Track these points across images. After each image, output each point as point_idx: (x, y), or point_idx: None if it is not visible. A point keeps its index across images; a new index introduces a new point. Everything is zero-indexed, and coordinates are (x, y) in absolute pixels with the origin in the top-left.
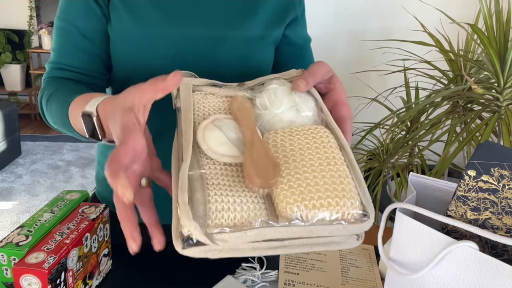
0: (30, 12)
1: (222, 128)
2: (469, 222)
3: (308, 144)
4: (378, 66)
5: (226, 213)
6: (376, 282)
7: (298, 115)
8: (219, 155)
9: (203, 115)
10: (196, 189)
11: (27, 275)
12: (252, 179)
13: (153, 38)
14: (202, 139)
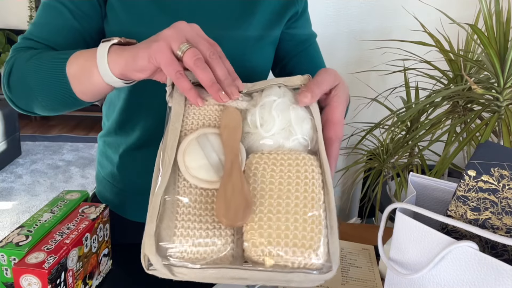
0: (30, 12)
1: (205, 148)
2: (469, 222)
3: (290, 179)
4: (378, 66)
5: (189, 247)
6: (376, 282)
7: (289, 139)
8: (196, 179)
9: (191, 126)
10: (166, 216)
11: (27, 275)
12: (220, 218)
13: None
14: (182, 159)
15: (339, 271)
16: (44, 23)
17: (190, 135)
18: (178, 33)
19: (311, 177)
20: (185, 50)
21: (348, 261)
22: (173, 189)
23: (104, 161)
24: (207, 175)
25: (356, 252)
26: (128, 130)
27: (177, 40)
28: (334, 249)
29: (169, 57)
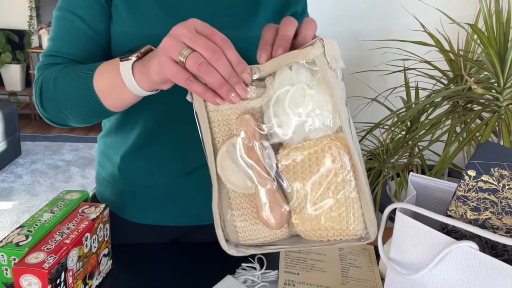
0: (30, 12)
1: (235, 160)
2: (469, 222)
3: (320, 171)
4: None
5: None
6: (376, 282)
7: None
8: (238, 188)
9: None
10: (228, 221)
11: (27, 275)
12: (267, 225)
13: (154, 38)
14: (221, 173)
15: (339, 271)
16: (60, 37)
17: (221, 148)
18: (175, 40)
19: (339, 166)
20: (186, 56)
21: (348, 261)
22: (226, 197)
23: (105, 161)
24: (245, 184)
25: (356, 252)
26: (128, 130)
27: (176, 49)
28: (371, 222)
29: (174, 69)
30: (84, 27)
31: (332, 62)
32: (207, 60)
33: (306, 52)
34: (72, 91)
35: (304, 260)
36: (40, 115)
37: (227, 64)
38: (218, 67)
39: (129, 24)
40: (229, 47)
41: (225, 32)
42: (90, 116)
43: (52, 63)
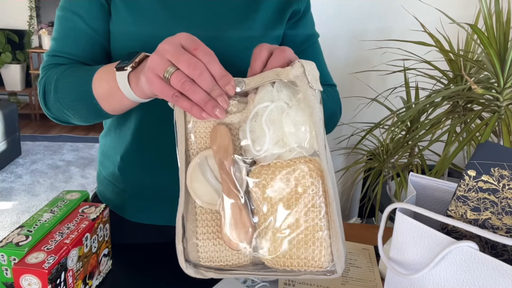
0: (30, 12)
1: (205, 173)
2: (469, 222)
3: (290, 194)
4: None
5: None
6: (376, 282)
7: (285, 149)
8: (203, 202)
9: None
10: (189, 236)
11: (27, 275)
12: (229, 244)
13: (153, 38)
14: (190, 184)
15: None
16: (61, 37)
17: (193, 159)
18: (160, 57)
19: (311, 190)
20: (169, 77)
21: (348, 261)
22: (192, 211)
23: (106, 161)
24: (211, 199)
25: (356, 252)
26: (128, 130)
27: (160, 67)
28: (339, 255)
29: (160, 85)
30: (84, 26)
31: (312, 81)
32: (190, 77)
33: (287, 71)
34: (72, 95)
35: None
36: (45, 113)
37: (209, 78)
38: (200, 83)
39: (128, 24)
40: (212, 60)
41: (225, 32)
42: (91, 117)
43: (55, 63)
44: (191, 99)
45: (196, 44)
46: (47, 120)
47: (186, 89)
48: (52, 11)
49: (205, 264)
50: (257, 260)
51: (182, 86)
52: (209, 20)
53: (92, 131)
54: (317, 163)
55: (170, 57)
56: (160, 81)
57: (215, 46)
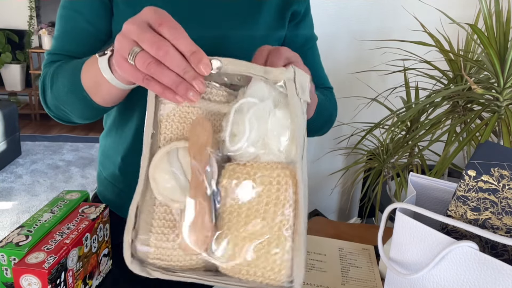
0: (30, 12)
1: (173, 166)
2: (469, 222)
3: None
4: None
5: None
6: (376, 282)
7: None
8: (164, 197)
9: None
10: (142, 228)
11: (27, 275)
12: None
13: None
14: (152, 174)
15: (339, 271)
16: (63, 35)
17: (162, 148)
18: (124, 38)
19: (282, 197)
20: (134, 56)
21: (348, 261)
22: (150, 202)
23: (106, 161)
24: (172, 194)
25: (356, 252)
26: (128, 130)
27: (125, 48)
28: (299, 269)
29: (128, 69)
30: (86, 25)
31: (299, 90)
32: (156, 58)
33: (278, 72)
34: (65, 88)
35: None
36: (47, 112)
37: (177, 58)
38: (168, 64)
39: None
40: (179, 35)
41: (228, 32)
42: (86, 112)
43: (56, 61)
44: (160, 82)
45: (161, 18)
46: (47, 120)
47: (152, 72)
48: (52, 11)
49: (152, 262)
50: (209, 265)
51: (147, 68)
52: (211, 20)
53: (92, 131)
54: (293, 172)
55: (134, 37)
56: (128, 64)
57: (218, 46)
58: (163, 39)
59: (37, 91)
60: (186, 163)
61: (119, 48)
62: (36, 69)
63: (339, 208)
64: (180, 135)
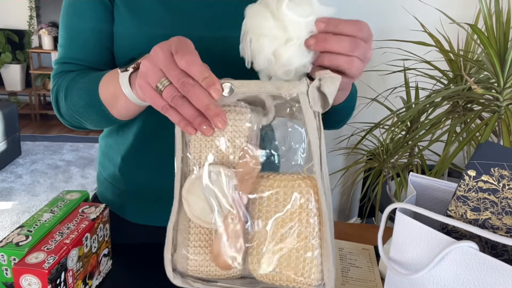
0: (30, 12)
1: (207, 189)
2: (469, 222)
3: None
4: (378, 66)
5: (203, 271)
6: (376, 282)
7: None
8: (197, 218)
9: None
10: (180, 245)
11: (27, 275)
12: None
13: (155, 39)
14: (185, 198)
15: (339, 271)
16: (68, 43)
17: (195, 173)
18: (153, 66)
19: (305, 206)
20: (162, 89)
21: (348, 261)
22: (185, 220)
23: (106, 162)
24: (204, 215)
25: (356, 252)
26: (129, 131)
27: (153, 77)
28: (330, 274)
29: (152, 95)
30: (90, 31)
31: (312, 102)
32: (180, 92)
33: (291, 86)
34: (82, 101)
35: None
36: (61, 120)
37: (199, 95)
38: (192, 100)
39: (129, 24)
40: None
41: (227, 32)
42: (102, 123)
43: (65, 71)
44: (181, 113)
45: (177, 47)
46: (47, 120)
47: (175, 103)
48: (52, 11)
49: (192, 274)
50: (246, 273)
51: (172, 100)
52: (212, 21)
53: (92, 131)
54: (314, 182)
55: (162, 67)
56: (152, 91)
57: (219, 47)
58: (187, 78)
59: (37, 91)
60: (219, 186)
61: (147, 74)
62: (36, 69)
63: (339, 208)
64: (208, 154)
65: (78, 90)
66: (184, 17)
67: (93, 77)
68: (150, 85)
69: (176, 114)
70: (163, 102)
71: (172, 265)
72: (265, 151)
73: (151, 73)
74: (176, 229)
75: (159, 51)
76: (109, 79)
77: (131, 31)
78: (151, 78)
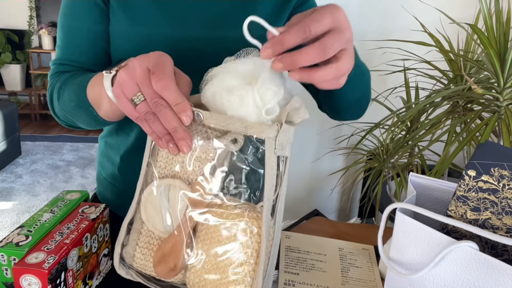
0: (30, 12)
1: (162, 203)
2: (469, 222)
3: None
4: (378, 66)
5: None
6: (376, 282)
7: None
8: (150, 224)
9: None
10: (131, 242)
11: (27, 275)
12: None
13: (150, 39)
14: (143, 204)
15: (339, 271)
16: (64, 44)
17: (155, 182)
18: (130, 79)
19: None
20: (137, 102)
21: (348, 261)
22: (139, 221)
23: (105, 162)
24: (157, 225)
25: (356, 252)
26: (128, 131)
27: (129, 89)
28: None
29: (127, 106)
30: (86, 33)
31: (278, 148)
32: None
33: (260, 129)
34: (72, 102)
35: (304, 260)
36: (56, 120)
37: (169, 117)
38: (162, 121)
39: (124, 24)
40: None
41: (221, 32)
42: (92, 124)
43: (61, 71)
44: (152, 128)
45: (155, 68)
46: (47, 120)
47: (147, 118)
48: (52, 11)
49: (137, 269)
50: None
51: (145, 115)
52: (204, 20)
53: (92, 131)
54: (260, 218)
55: (138, 83)
56: (127, 102)
57: (212, 46)
58: (160, 100)
59: (37, 91)
60: (174, 202)
61: (123, 86)
62: (36, 69)
63: (339, 208)
64: (174, 168)
65: (68, 91)
66: (176, 16)
67: (83, 78)
68: (126, 96)
69: (149, 127)
70: (136, 114)
71: (120, 256)
72: (224, 179)
73: (127, 85)
74: (130, 226)
75: (137, 66)
76: (96, 80)
77: (124, 30)
78: (127, 91)
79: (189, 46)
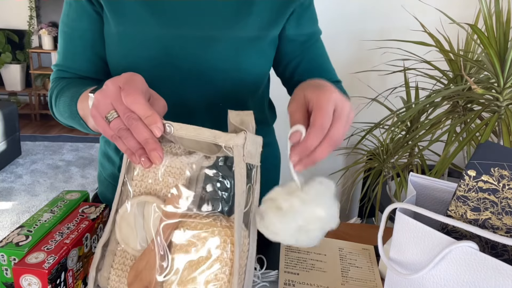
0: (30, 12)
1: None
2: (469, 222)
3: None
4: (378, 66)
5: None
6: (376, 282)
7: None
8: (125, 243)
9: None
10: (106, 265)
11: (27, 275)
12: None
13: (141, 39)
14: (118, 222)
15: (339, 271)
16: (63, 51)
17: (131, 200)
18: (104, 99)
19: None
20: (111, 120)
21: (348, 261)
22: (115, 241)
23: (106, 162)
24: (132, 243)
25: (356, 252)
26: None
27: (103, 108)
28: None
29: (102, 124)
30: (82, 41)
31: (247, 156)
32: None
33: (228, 138)
34: (66, 113)
35: (304, 260)
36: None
37: (140, 131)
38: (134, 134)
39: (113, 25)
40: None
41: (213, 32)
42: (88, 131)
43: (60, 77)
44: (125, 144)
45: (124, 85)
46: (47, 120)
47: (120, 135)
48: (52, 11)
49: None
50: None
51: (118, 132)
52: (198, 21)
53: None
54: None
55: (111, 101)
56: (102, 121)
57: (205, 47)
58: (132, 114)
59: (37, 91)
60: (148, 218)
61: (98, 106)
62: (36, 69)
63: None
64: (148, 185)
65: (63, 102)
66: (167, 16)
67: (75, 91)
68: (101, 115)
69: (123, 144)
70: (111, 132)
71: (94, 281)
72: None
73: (102, 105)
74: (104, 249)
75: (110, 85)
76: (84, 97)
77: (114, 31)
78: (102, 110)
79: (181, 48)
